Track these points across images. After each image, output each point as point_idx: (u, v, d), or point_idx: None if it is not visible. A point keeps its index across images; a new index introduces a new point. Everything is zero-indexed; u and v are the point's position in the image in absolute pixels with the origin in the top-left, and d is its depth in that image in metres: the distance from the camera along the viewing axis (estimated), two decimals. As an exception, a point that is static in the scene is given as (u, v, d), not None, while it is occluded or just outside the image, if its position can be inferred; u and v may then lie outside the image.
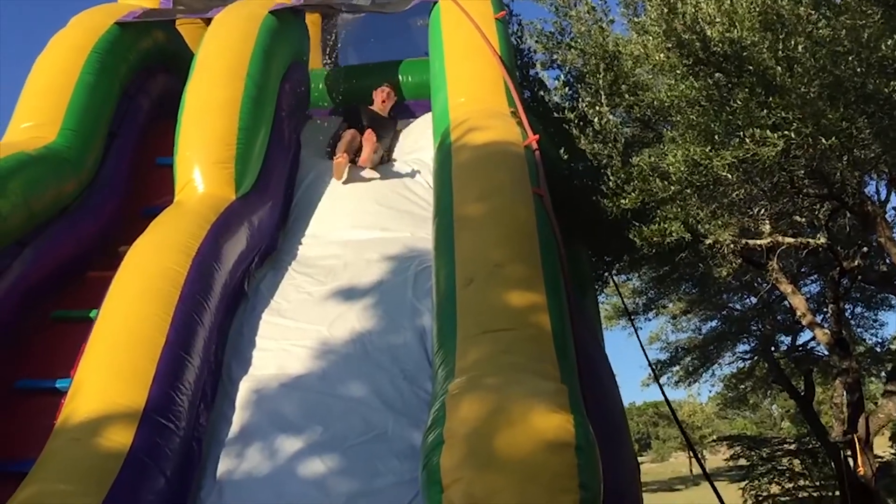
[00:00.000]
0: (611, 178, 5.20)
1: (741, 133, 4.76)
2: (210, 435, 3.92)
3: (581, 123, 5.58)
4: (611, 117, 5.50)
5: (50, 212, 4.92)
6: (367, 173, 5.94)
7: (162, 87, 6.69)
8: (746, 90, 4.67)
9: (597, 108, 5.48)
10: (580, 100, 5.77)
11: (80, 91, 5.50)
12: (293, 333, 4.47)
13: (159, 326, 3.97)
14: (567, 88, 6.34)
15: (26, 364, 4.42)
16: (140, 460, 3.37)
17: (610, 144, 5.45)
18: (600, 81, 5.62)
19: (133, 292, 4.17)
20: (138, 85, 6.36)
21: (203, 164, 5.13)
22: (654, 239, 5.11)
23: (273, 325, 4.60)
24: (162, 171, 5.87)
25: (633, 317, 11.04)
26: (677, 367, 13.09)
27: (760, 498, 11.67)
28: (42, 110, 5.42)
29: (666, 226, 5.10)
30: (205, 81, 5.50)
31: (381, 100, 6.60)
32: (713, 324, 12.62)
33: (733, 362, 13.99)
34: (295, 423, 3.93)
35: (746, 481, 11.86)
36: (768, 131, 4.64)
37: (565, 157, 5.60)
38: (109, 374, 3.71)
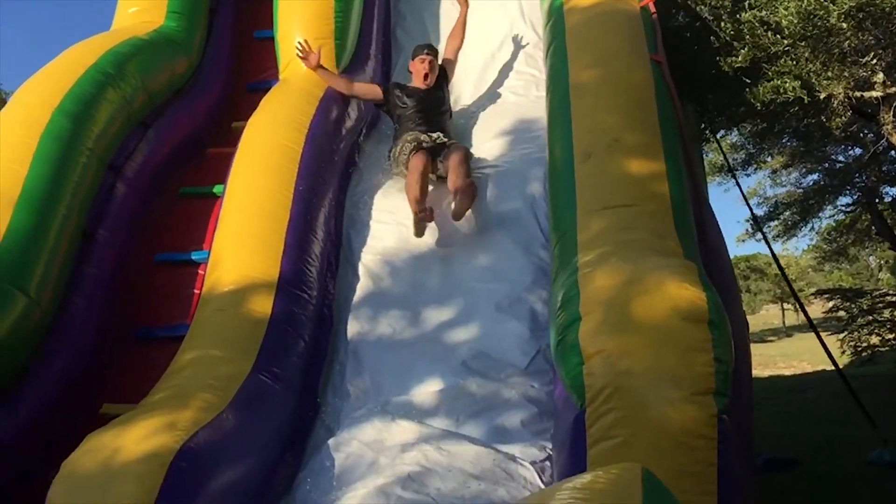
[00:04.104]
0: (720, 35, 5.02)
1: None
2: (338, 302, 4.18)
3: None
4: None
5: (166, 93, 5.09)
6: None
7: (253, -43, 6.65)
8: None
9: None
10: None
11: (180, -30, 5.54)
12: (405, 203, 4.62)
13: (282, 202, 4.18)
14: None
15: (162, 239, 4.73)
16: (281, 326, 3.66)
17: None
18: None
19: (255, 169, 4.37)
20: (230, -43, 6.33)
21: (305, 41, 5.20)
22: (769, 97, 4.97)
23: (384, 196, 4.76)
24: (261, 45, 5.97)
25: (731, 173, 10.83)
26: (776, 223, 12.90)
27: (859, 349, 11.64)
28: (146, -6, 5.50)
29: (780, 83, 4.94)
30: (298, -47, 5.45)
31: (422, 73, 5.03)
32: (814, 177, 12.31)
33: (833, 215, 13.70)
34: (414, 289, 4.15)
35: (845, 333, 11.81)
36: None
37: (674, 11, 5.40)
38: (243, 248, 3.97)
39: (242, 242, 4.01)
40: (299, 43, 5.01)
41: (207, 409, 3.02)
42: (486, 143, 4.99)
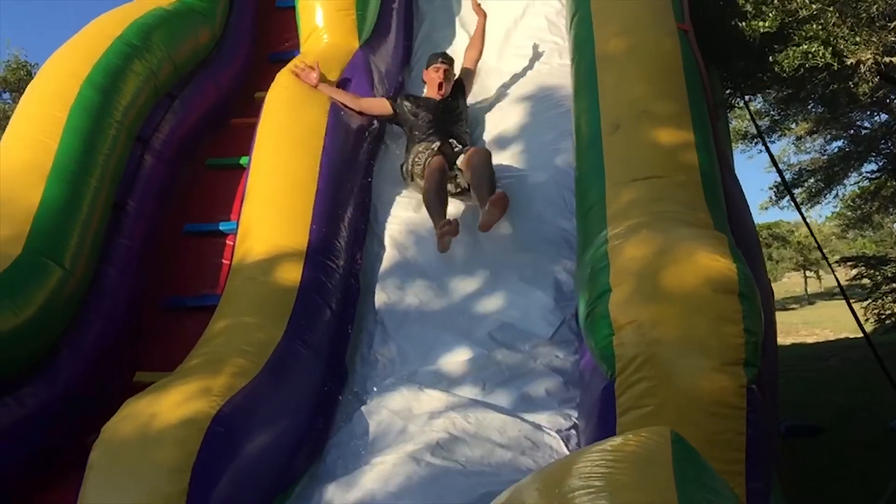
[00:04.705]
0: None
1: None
2: (365, 271, 4.22)
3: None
4: None
5: (190, 64, 5.10)
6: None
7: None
8: None
9: None
10: None
11: (202, -61, 5.51)
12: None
13: (309, 174, 4.21)
14: None
15: (190, 210, 4.79)
16: (309, 295, 3.70)
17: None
18: None
19: (280, 143, 4.38)
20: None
21: (325, 12, 5.19)
22: (797, 62, 4.91)
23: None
24: (282, 14, 5.97)
25: (754, 139, 10.74)
26: (799, 190, 12.78)
27: (883, 316, 11.57)
28: (169, -37, 5.48)
29: (807, 48, 4.89)
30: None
31: (437, 82, 4.73)
32: (839, 144, 12.16)
33: (858, 182, 13.56)
34: (440, 259, 4.16)
35: (869, 300, 11.74)
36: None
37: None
38: (272, 218, 4.01)
39: (271, 213, 4.05)
40: (296, 65, 4.76)
41: (241, 374, 3.08)
42: (509, 111, 4.99)
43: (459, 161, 4.37)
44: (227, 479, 2.74)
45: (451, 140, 4.49)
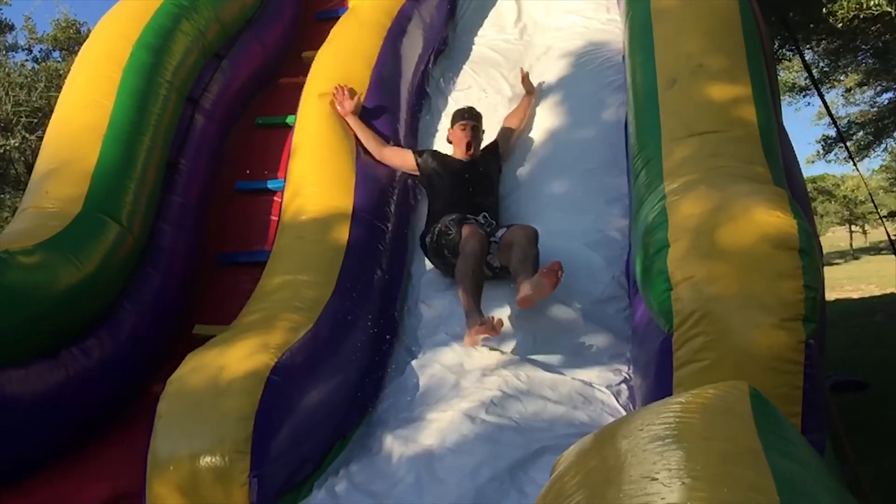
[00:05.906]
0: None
1: None
2: (413, 231, 4.27)
3: None
4: None
5: (238, 24, 5.13)
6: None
7: None
8: None
9: None
10: None
11: None
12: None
13: (351, 136, 4.26)
14: None
15: (241, 168, 4.85)
16: (357, 254, 3.76)
17: None
18: None
19: (324, 104, 4.37)
20: None
21: (372, -33, 5.16)
22: (852, 13, 4.79)
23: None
24: (328, -28, 5.95)
25: (803, 92, 10.50)
26: (848, 143, 12.53)
27: (931, 273, 11.38)
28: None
29: (864, -1, 4.75)
30: None
31: (464, 141, 4.19)
32: (889, 95, 11.87)
33: (909, 135, 13.23)
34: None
35: (917, 256, 11.52)
36: None
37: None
38: (318, 179, 4.05)
39: (317, 173, 4.09)
40: (337, 87, 4.36)
41: (295, 329, 3.16)
42: (556, 66, 4.93)
43: (497, 236, 3.83)
44: (287, 425, 2.85)
45: (483, 214, 4.00)
